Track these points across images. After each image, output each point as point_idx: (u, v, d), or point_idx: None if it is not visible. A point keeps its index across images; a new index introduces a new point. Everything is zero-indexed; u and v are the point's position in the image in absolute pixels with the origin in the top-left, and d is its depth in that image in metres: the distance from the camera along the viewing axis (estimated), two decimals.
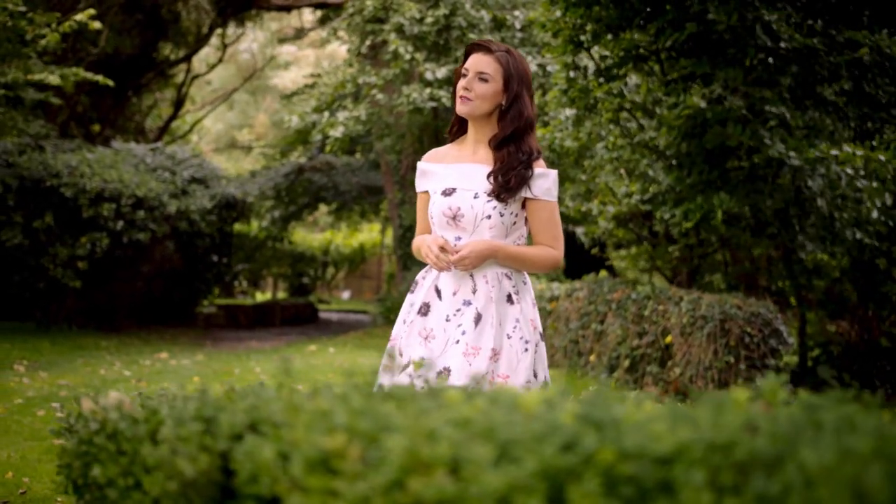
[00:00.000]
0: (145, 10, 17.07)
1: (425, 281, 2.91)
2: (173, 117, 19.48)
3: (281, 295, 25.76)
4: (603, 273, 8.44)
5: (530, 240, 2.95)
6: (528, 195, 2.82)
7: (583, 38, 7.50)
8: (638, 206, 7.47)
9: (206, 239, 13.33)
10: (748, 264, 8.52)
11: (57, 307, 11.46)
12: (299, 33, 18.93)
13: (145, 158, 12.78)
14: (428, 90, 10.56)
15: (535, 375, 2.78)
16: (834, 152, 6.08)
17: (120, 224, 11.04)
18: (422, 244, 2.86)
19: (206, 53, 21.47)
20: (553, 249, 2.87)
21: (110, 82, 10.98)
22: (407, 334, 2.85)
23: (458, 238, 2.83)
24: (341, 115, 10.01)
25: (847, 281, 7.65)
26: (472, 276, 2.80)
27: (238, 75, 27.69)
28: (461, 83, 2.88)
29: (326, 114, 10.47)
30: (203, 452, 0.96)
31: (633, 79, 7.95)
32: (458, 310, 2.79)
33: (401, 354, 2.82)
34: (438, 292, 2.85)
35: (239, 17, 17.46)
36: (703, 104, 5.87)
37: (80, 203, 10.76)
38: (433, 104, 10.63)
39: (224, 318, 14.88)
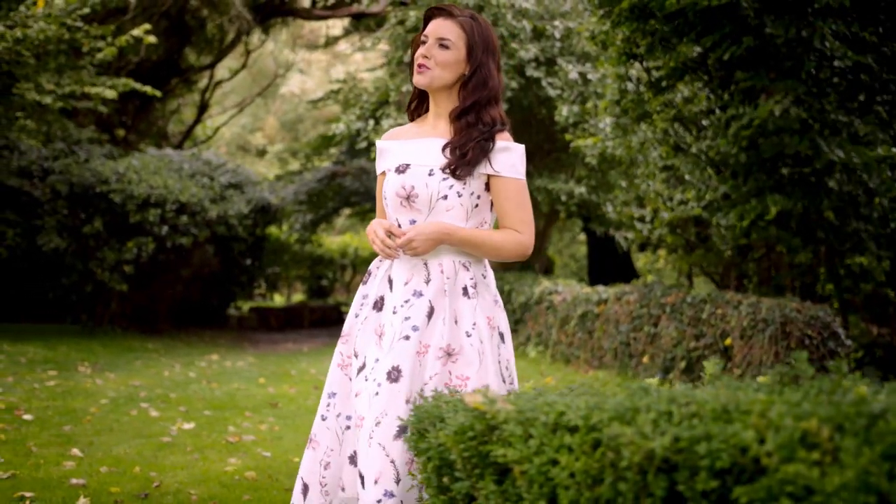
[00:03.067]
0: (171, 18, 17.33)
1: (379, 271, 2.63)
2: (197, 122, 19.72)
3: (296, 297, 25.99)
4: (650, 277, 8.70)
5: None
6: (490, 171, 2.51)
7: (636, 50, 7.77)
8: (689, 212, 7.73)
9: (241, 243, 13.59)
10: (773, 271, 8.79)
11: (102, 310, 11.69)
12: (329, 41, 19.18)
13: (183, 164, 13.02)
14: None
15: (504, 380, 2.51)
16: None
17: (164, 229, 11.27)
18: (368, 229, 2.55)
19: (225, 59, 21.70)
20: (520, 234, 2.53)
21: (158, 93, 11.27)
22: (362, 331, 2.57)
23: (413, 221, 2.54)
24: (386, 123, 10.27)
25: (889, 285, 7.92)
26: (426, 263, 2.52)
27: (250, 80, 27.94)
28: (420, 51, 2.59)
29: (371, 121, 10.74)
30: (660, 435, 1.23)
31: (683, 90, 8.22)
32: (407, 300, 2.49)
33: (356, 355, 2.57)
34: (391, 282, 2.57)
35: (264, 24, 17.70)
36: (777, 111, 6.13)
37: (127, 209, 11.00)
38: None
39: (256, 321, 15.12)
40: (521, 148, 2.56)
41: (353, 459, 2.54)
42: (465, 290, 2.50)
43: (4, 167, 11.40)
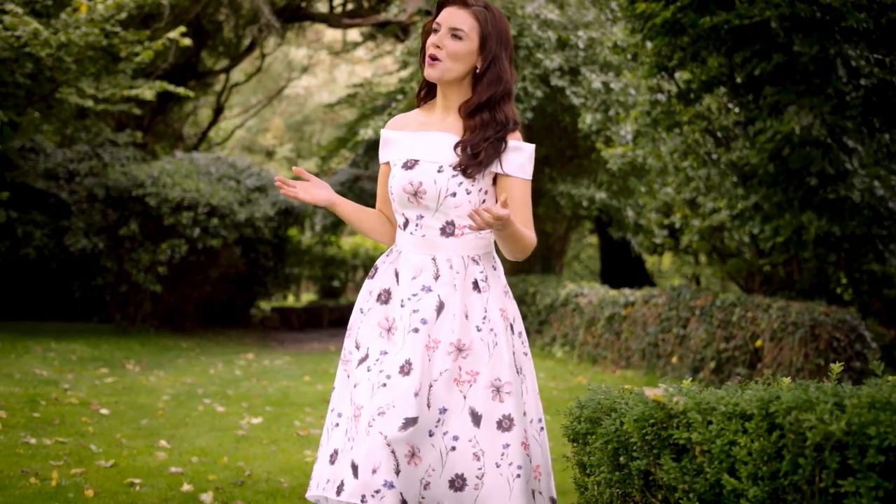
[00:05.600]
0: (190, 22, 17.66)
1: (385, 265, 2.61)
2: (213, 124, 20.05)
3: (305, 296, 26.27)
4: (675, 280, 9.05)
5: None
6: (500, 171, 2.49)
7: (669, 64, 8.12)
8: (719, 220, 8.09)
9: (266, 245, 13.92)
10: (784, 276, 9.16)
11: (135, 310, 12.02)
12: (348, 46, 19.53)
13: (210, 168, 13.32)
14: None
15: (519, 371, 2.48)
16: None
17: (196, 231, 11.59)
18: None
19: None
20: (532, 233, 2.50)
21: (192, 94, 11.60)
22: (364, 323, 2.56)
23: (420, 216, 2.52)
24: None
25: None
26: (434, 259, 2.51)
27: (255, 81, 28.24)
28: (431, 39, 2.52)
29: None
30: (836, 421, 1.58)
31: (707, 98, 8.58)
32: (415, 294, 2.48)
33: (357, 347, 2.54)
34: (397, 276, 2.56)
35: (282, 28, 18.01)
36: (797, 128, 6.49)
37: (162, 212, 11.32)
38: None
39: (278, 320, 15.46)
40: (531, 148, 2.55)
41: (332, 459, 2.45)
42: (475, 283, 2.49)
43: (31, 170, 11.75)
